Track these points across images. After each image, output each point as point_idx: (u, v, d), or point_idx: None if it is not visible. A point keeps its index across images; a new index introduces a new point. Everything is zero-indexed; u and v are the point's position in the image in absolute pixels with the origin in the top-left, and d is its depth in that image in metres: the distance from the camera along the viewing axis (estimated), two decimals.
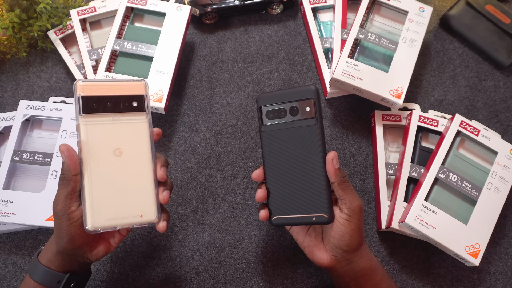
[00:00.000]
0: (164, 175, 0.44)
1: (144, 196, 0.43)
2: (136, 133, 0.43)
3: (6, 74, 0.69)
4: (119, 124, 0.43)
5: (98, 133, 0.42)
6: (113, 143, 0.42)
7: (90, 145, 0.41)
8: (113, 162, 0.42)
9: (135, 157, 0.43)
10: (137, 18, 0.68)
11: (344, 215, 0.45)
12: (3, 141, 0.62)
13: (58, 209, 0.41)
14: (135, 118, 0.43)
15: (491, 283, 0.59)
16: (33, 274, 0.45)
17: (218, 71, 0.69)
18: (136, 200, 0.42)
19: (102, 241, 0.45)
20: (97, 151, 0.42)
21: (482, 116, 0.68)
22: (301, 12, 0.74)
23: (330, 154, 0.44)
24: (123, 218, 0.42)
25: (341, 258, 0.47)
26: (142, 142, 0.43)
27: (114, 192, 0.42)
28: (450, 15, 0.72)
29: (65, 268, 0.45)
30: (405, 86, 0.61)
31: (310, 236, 0.50)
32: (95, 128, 0.42)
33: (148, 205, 0.43)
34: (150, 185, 0.43)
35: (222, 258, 0.59)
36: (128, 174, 0.42)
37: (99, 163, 0.41)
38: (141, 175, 0.43)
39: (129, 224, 0.42)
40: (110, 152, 0.42)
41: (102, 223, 0.41)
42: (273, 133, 0.47)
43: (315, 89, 0.45)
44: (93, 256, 0.45)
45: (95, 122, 0.42)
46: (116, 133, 0.42)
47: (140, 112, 0.44)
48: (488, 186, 0.56)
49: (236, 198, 0.62)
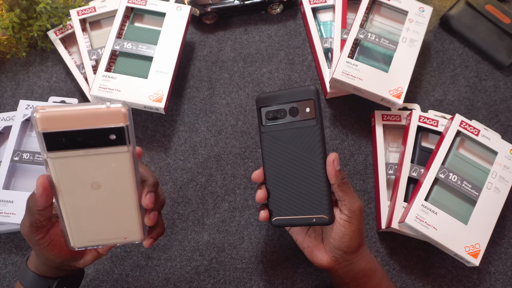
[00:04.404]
0: (150, 203, 0.39)
1: (127, 221, 0.40)
2: (116, 166, 0.37)
3: (6, 74, 0.69)
4: (94, 159, 0.36)
5: (70, 168, 0.36)
6: (88, 177, 0.37)
7: (62, 181, 0.36)
8: (90, 194, 0.37)
9: (116, 189, 0.38)
10: (137, 18, 0.68)
11: (344, 216, 0.45)
12: (3, 141, 0.62)
13: (25, 233, 0.39)
14: (113, 151, 0.36)
15: (491, 283, 0.59)
16: (23, 280, 0.44)
17: (218, 71, 0.69)
18: (118, 225, 0.40)
19: (88, 251, 0.44)
20: (70, 186, 0.37)
21: (482, 116, 0.68)
22: (301, 12, 0.73)
23: (331, 156, 0.44)
24: (106, 240, 0.40)
25: (341, 259, 0.47)
26: (123, 174, 0.37)
27: (94, 218, 0.39)
28: (450, 15, 0.72)
29: (54, 274, 0.44)
30: (405, 86, 0.61)
31: (310, 236, 0.50)
32: (65, 163, 0.35)
33: (132, 228, 0.40)
34: (133, 211, 0.39)
35: (222, 258, 0.59)
36: (108, 203, 0.38)
37: (76, 196, 0.37)
38: (123, 204, 0.39)
39: (112, 244, 0.40)
40: (87, 186, 0.37)
41: (84, 243, 0.39)
42: (273, 134, 0.47)
43: (315, 90, 0.45)
44: (81, 264, 0.43)
45: (65, 156, 0.35)
46: (92, 168, 0.36)
47: (119, 146, 0.36)
48: (488, 186, 0.56)
49: (236, 198, 0.62)
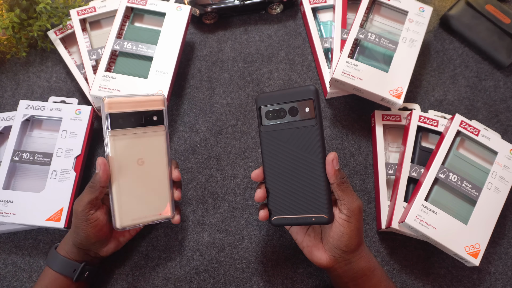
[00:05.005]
0: (179, 175, 0.51)
1: (162, 197, 0.50)
2: (156, 144, 0.49)
3: (6, 74, 0.69)
4: (141, 138, 0.48)
5: (124, 146, 0.47)
6: (136, 154, 0.48)
7: (117, 157, 0.47)
8: (136, 171, 0.48)
9: (155, 166, 0.49)
10: (137, 18, 0.68)
11: (343, 215, 0.45)
12: (3, 141, 0.62)
13: (79, 210, 0.47)
14: (154, 132, 0.49)
15: (491, 283, 0.59)
16: (52, 264, 0.50)
17: (218, 71, 0.69)
18: (155, 202, 0.50)
19: (113, 239, 0.52)
20: (123, 162, 0.47)
21: (482, 116, 0.68)
22: (301, 12, 0.73)
23: (330, 155, 0.44)
24: (145, 217, 0.49)
25: (340, 258, 0.47)
26: (160, 152, 0.50)
27: (137, 196, 0.48)
28: (450, 15, 0.72)
29: (81, 258, 0.50)
30: (405, 86, 0.61)
31: (309, 236, 0.50)
32: (121, 142, 0.47)
33: (165, 204, 0.50)
34: (167, 188, 0.50)
35: (222, 258, 0.59)
36: (148, 180, 0.49)
37: (126, 172, 0.48)
38: (159, 180, 0.50)
39: (150, 221, 0.49)
40: (134, 162, 0.48)
41: (128, 223, 0.48)
42: (272, 134, 0.47)
43: (314, 90, 0.45)
44: (103, 252, 0.51)
45: (121, 136, 0.47)
46: (139, 145, 0.48)
47: (159, 126, 0.49)
48: (488, 186, 0.56)
49: (236, 198, 0.62)
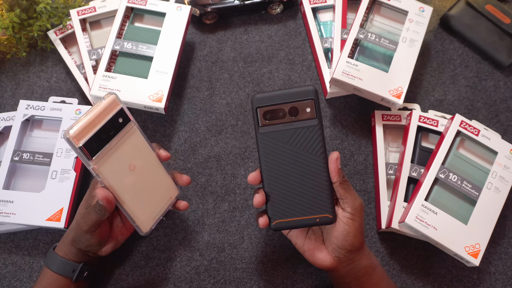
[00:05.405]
0: (166, 153, 0.50)
1: (164, 184, 0.50)
2: (135, 143, 0.47)
3: (6, 74, 0.69)
4: (120, 146, 0.45)
5: (111, 166, 0.45)
6: (125, 164, 0.46)
7: (112, 180, 0.45)
8: (133, 177, 0.47)
9: (145, 161, 0.48)
10: (137, 18, 0.68)
11: (348, 214, 0.45)
12: (3, 141, 0.62)
13: (84, 229, 0.47)
14: (127, 133, 0.46)
15: (491, 283, 0.59)
16: (51, 265, 0.50)
17: (218, 71, 0.69)
18: (160, 191, 0.50)
19: (111, 239, 0.52)
20: (118, 179, 0.46)
21: (482, 116, 0.68)
22: (301, 12, 0.73)
23: (334, 154, 0.44)
24: (161, 209, 0.50)
25: (344, 258, 0.47)
26: (142, 147, 0.48)
27: (145, 197, 0.49)
28: (450, 15, 0.72)
29: (79, 259, 0.50)
30: (405, 86, 0.61)
31: (310, 239, 0.49)
32: (107, 164, 0.44)
33: (169, 187, 0.51)
34: (163, 173, 0.50)
35: (222, 258, 0.59)
36: (146, 178, 0.48)
37: (125, 185, 0.46)
38: (155, 171, 0.49)
39: (166, 209, 0.51)
40: (127, 171, 0.47)
41: (150, 224, 0.49)
42: (271, 135, 0.46)
43: (315, 90, 0.45)
44: (102, 252, 0.51)
45: (103, 159, 0.44)
46: (122, 154, 0.46)
47: (127, 124, 0.46)
48: (488, 186, 0.56)
49: (236, 198, 0.62)
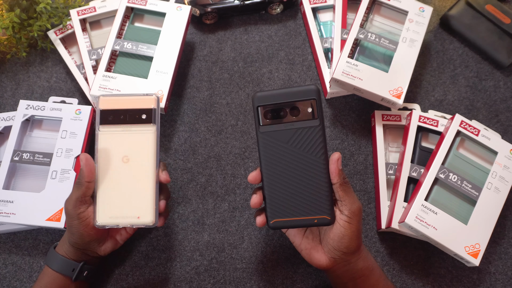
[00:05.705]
0: (168, 177, 0.49)
1: (144, 200, 0.48)
2: (143, 143, 0.48)
3: (6, 74, 0.69)
4: (128, 135, 0.48)
5: (110, 142, 0.48)
6: (121, 151, 0.48)
7: (103, 153, 0.47)
8: (119, 168, 0.48)
9: (140, 165, 0.48)
10: (137, 18, 0.68)
11: (345, 217, 0.44)
12: (3, 141, 0.62)
13: (69, 209, 0.47)
14: (142, 130, 0.48)
15: (491, 283, 0.59)
16: (51, 263, 0.50)
17: (218, 71, 0.69)
18: (136, 203, 0.48)
19: (109, 238, 0.51)
20: (108, 158, 0.47)
21: (482, 116, 0.68)
22: (301, 12, 0.74)
23: (335, 155, 0.44)
24: (123, 218, 0.47)
25: (340, 259, 0.47)
26: (147, 151, 0.48)
27: (119, 194, 0.48)
28: (450, 15, 0.72)
29: (79, 258, 0.50)
30: (405, 86, 0.61)
31: (308, 238, 0.49)
32: (107, 137, 0.48)
33: (146, 209, 0.48)
34: (151, 191, 0.48)
35: (222, 258, 0.59)
36: (131, 179, 0.48)
37: (109, 169, 0.47)
38: (143, 181, 0.48)
39: (128, 224, 0.47)
40: (119, 159, 0.48)
41: (106, 221, 0.47)
42: (271, 134, 0.46)
43: (317, 89, 0.44)
44: (101, 251, 0.51)
45: (108, 132, 0.48)
46: (125, 142, 0.48)
47: (147, 124, 0.48)
48: (488, 186, 0.56)
49: (236, 198, 0.62)
